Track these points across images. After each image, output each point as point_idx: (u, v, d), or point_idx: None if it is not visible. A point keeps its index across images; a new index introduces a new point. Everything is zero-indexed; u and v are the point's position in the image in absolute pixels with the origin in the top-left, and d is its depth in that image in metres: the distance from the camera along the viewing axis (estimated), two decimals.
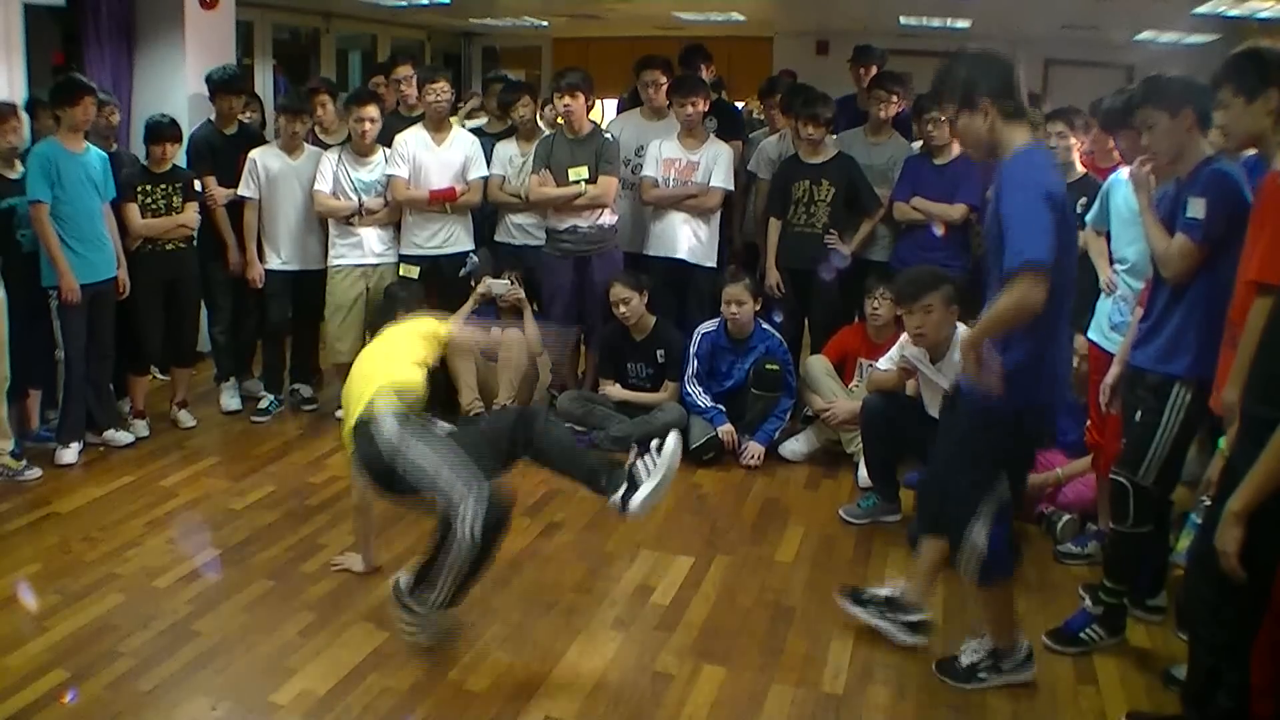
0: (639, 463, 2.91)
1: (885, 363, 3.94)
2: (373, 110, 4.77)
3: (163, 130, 4.54)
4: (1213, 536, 2.16)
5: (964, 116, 2.50)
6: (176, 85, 5.61)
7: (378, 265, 4.87)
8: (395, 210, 4.88)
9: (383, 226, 4.90)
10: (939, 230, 4.60)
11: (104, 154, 4.34)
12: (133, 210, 4.47)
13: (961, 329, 3.64)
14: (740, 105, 6.98)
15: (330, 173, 4.78)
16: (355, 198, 4.79)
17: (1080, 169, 4.10)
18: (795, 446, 4.60)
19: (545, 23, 9.75)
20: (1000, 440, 2.59)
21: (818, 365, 4.54)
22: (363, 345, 4.81)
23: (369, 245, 4.85)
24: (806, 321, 5.06)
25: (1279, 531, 2.10)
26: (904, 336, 3.80)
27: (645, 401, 4.69)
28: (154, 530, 3.72)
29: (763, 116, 6.36)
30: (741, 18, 8.48)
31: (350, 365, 4.84)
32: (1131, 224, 3.13)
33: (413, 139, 4.83)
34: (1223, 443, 2.70)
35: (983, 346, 2.45)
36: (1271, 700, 2.25)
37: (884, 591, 3.08)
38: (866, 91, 5.23)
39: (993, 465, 2.60)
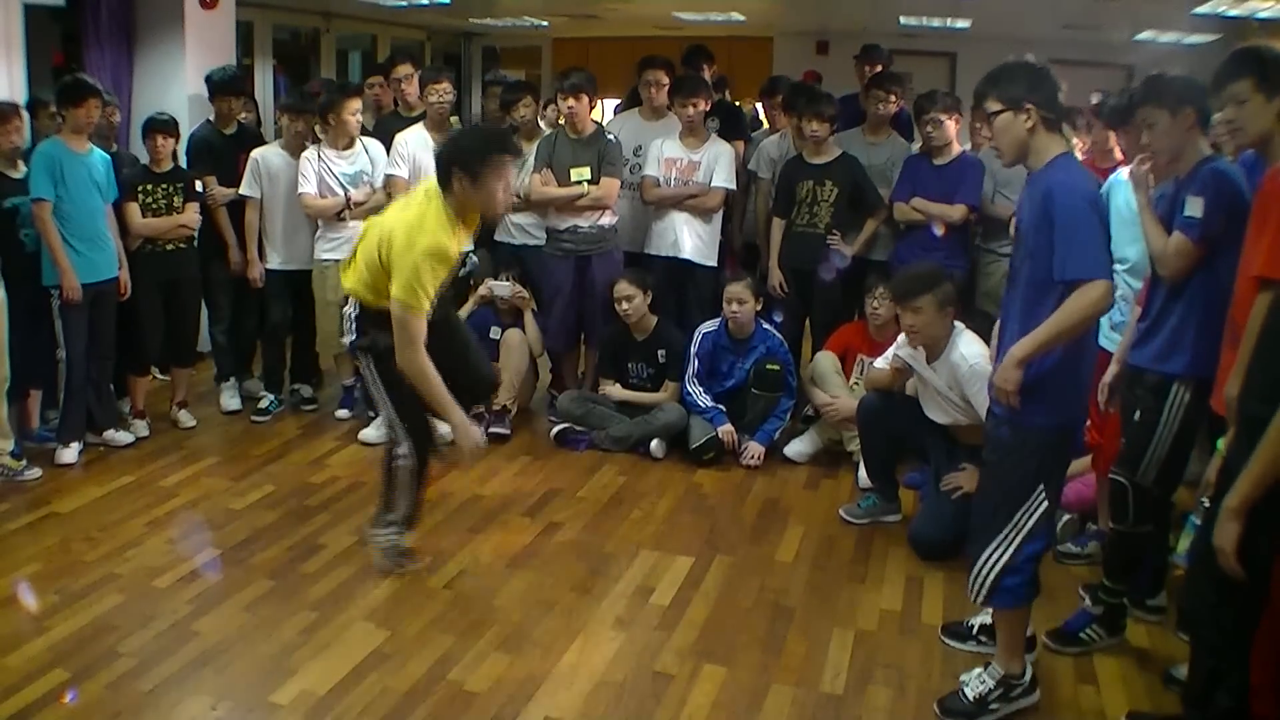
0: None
1: (881, 362, 3.94)
2: (356, 104, 4.76)
3: (155, 123, 4.54)
4: (1212, 535, 2.16)
5: (1006, 116, 2.49)
6: (176, 85, 5.61)
7: None
8: (385, 200, 4.86)
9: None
10: (939, 230, 4.60)
11: (107, 155, 4.34)
12: (133, 210, 4.47)
13: (961, 330, 3.64)
14: (738, 104, 6.97)
15: (313, 172, 4.73)
16: (341, 192, 4.76)
17: None
18: (800, 447, 4.60)
19: (545, 23, 9.75)
20: (1046, 459, 2.55)
21: (826, 361, 4.52)
22: None
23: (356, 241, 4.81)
24: (808, 321, 5.07)
25: (1277, 529, 2.11)
26: (901, 336, 3.80)
27: (645, 402, 4.69)
28: (154, 530, 3.72)
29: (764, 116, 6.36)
30: (741, 18, 8.48)
31: (343, 354, 4.87)
32: (1131, 224, 3.13)
33: (413, 139, 4.82)
34: (1221, 444, 2.71)
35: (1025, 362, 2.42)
36: (1272, 699, 2.25)
37: (981, 619, 3.01)
38: (865, 90, 5.23)
39: (1030, 483, 2.54)
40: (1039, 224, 2.43)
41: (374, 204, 4.82)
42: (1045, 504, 2.56)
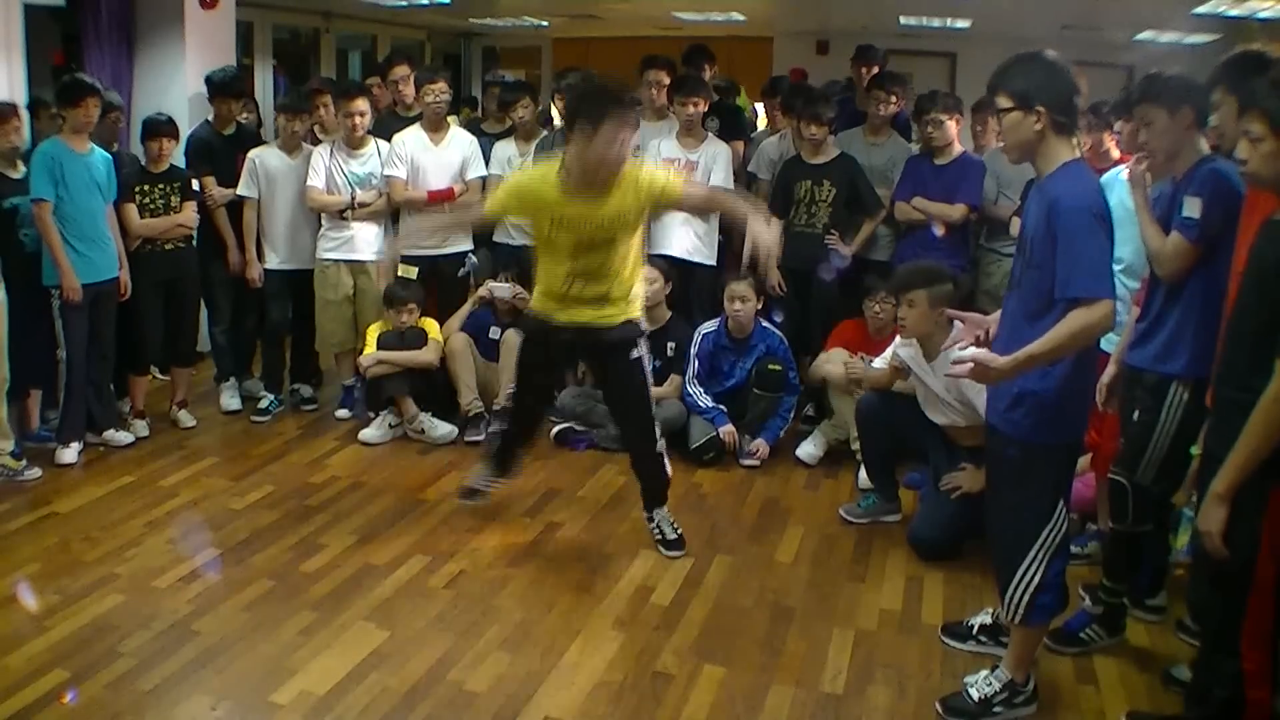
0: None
1: (880, 361, 3.94)
2: (361, 104, 4.75)
3: (159, 126, 4.54)
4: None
5: (1016, 115, 2.41)
6: (176, 85, 5.61)
7: (364, 263, 4.85)
8: (388, 202, 4.86)
9: (377, 222, 4.88)
10: (939, 230, 4.61)
11: (108, 155, 4.34)
12: (131, 210, 4.47)
13: (960, 329, 3.63)
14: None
15: (323, 167, 4.75)
16: (349, 190, 4.76)
17: None
18: (810, 449, 4.57)
19: (545, 23, 9.76)
20: (1061, 475, 2.56)
21: (834, 355, 4.51)
22: (355, 336, 4.84)
23: (357, 243, 4.82)
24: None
25: (1256, 513, 2.13)
26: (899, 336, 3.80)
27: None
28: (154, 530, 3.72)
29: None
30: (741, 18, 8.48)
31: (344, 354, 4.90)
32: (1126, 224, 3.12)
33: (411, 139, 4.82)
34: (1194, 450, 2.73)
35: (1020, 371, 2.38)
36: (1266, 685, 2.25)
37: (980, 619, 3.04)
38: (865, 91, 5.23)
39: (1052, 499, 2.54)
40: (1044, 235, 2.37)
41: (376, 207, 4.83)
42: (1068, 519, 2.57)
